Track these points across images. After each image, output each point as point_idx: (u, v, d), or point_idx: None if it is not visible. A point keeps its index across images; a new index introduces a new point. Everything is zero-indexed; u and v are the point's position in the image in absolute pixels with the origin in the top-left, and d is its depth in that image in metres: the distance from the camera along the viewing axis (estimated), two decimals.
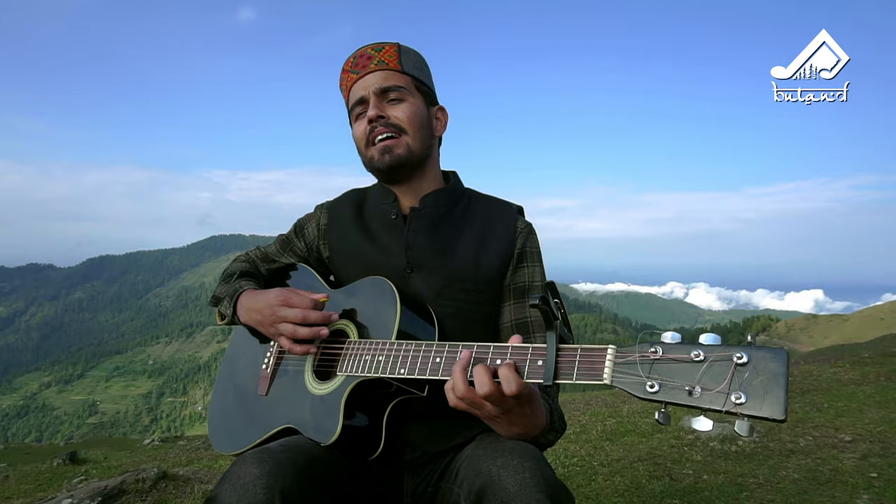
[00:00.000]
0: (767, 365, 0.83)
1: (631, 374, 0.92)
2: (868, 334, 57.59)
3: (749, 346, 0.86)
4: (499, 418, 1.12)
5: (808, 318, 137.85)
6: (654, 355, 0.91)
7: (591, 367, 0.96)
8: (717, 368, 0.86)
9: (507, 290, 1.51)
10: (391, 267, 1.49)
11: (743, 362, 0.84)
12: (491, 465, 1.11)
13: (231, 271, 1.70)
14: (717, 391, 0.85)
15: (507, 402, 1.07)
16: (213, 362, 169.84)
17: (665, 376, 0.89)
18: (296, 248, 1.70)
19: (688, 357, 0.88)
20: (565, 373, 0.98)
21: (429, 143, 1.54)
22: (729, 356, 0.85)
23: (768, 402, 0.81)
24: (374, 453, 1.34)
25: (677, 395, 0.87)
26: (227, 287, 1.61)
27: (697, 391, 0.86)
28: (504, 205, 1.60)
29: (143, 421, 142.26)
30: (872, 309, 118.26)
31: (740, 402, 0.82)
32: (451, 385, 1.10)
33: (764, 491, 3.25)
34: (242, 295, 1.55)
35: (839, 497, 3.09)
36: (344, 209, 1.64)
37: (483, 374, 1.04)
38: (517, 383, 1.02)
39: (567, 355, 0.99)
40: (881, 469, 3.46)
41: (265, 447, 1.21)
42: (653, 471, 3.74)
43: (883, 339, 24.90)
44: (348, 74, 1.55)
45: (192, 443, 6.67)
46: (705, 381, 0.86)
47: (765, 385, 0.82)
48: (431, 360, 1.19)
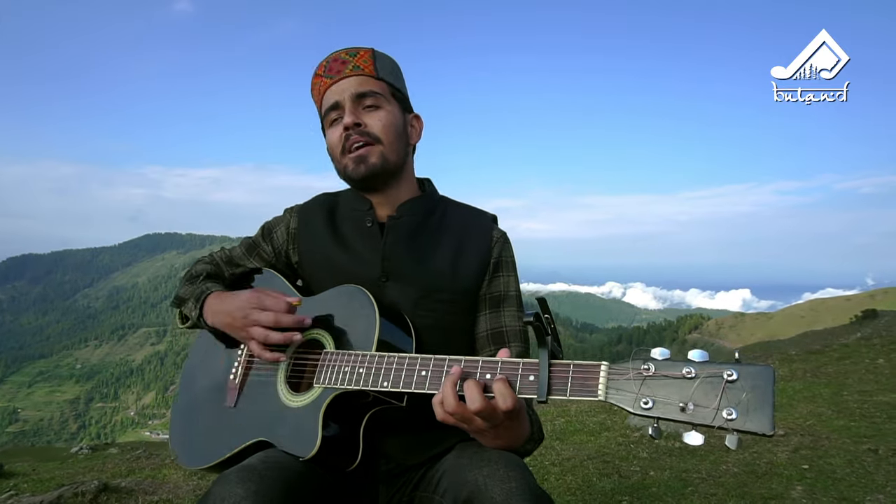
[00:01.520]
0: (755, 382, 0.87)
1: (624, 390, 0.94)
2: (790, 331, 60.93)
3: (737, 363, 0.90)
4: (486, 432, 1.12)
5: (737, 317, 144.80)
6: (646, 372, 0.94)
7: (584, 383, 0.98)
8: (708, 385, 0.89)
9: (482, 299, 1.50)
10: (365, 275, 1.45)
11: (733, 379, 0.88)
12: (477, 475, 1.12)
13: (195, 273, 1.63)
14: (708, 407, 0.88)
15: (498, 417, 1.07)
16: (147, 365, 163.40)
17: (658, 393, 0.92)
18: (263, 252, 1.63)
19: (679, 374, 0.91)
20: (558, 388, 0.99)
21: (404, 152, 1.52)
22: (719, 373, 0.89)
23: (757, 418, 0.85)
24: (351, 465, 1.31)
25: (670, 411, 0.90)
26: (191, 288, 1.53)
27: (690, 407, 0.89)
28: (479, 213, 1.60)
29: (69, 428, 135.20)
30: (794, 307, 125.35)
31: (731, 418, 0.86)
32: (440, 399, 1.09)
33: (707, 485, 3.40)
34: (210, 297, 1.48)
35: (776, 489, 3.26)
36: (315, 214, 1.59)
37: (475, 389, 1.04)
38: (512, 399, 1.03)
39: (560, 371, 1.01)
40: (812, 461, 3.68)
41: (247, 464, 1.18)
42: (602, 469, 3.85)
43: (804, 336, 26.43)
44: (321, 79, 1.50)
45: (131, 451, 6.38)
46: (697, 398, 0.89)
47: (753, 401, 0.86)
48: (417, 374, 1.17)
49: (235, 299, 1.41)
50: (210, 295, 1.48)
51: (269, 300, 1.38)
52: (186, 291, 1.54)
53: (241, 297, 1.41)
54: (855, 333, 19.95)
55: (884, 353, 6.88)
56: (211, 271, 1.64)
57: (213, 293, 1.48)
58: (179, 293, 1.56)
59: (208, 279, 1.58)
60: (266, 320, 1.35)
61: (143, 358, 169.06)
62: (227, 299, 1.43)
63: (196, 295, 1.50)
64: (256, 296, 1.39)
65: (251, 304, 1.37)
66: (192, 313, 1.50)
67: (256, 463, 1.19)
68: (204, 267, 1.65)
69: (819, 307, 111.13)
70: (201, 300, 1.48)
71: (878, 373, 6.19)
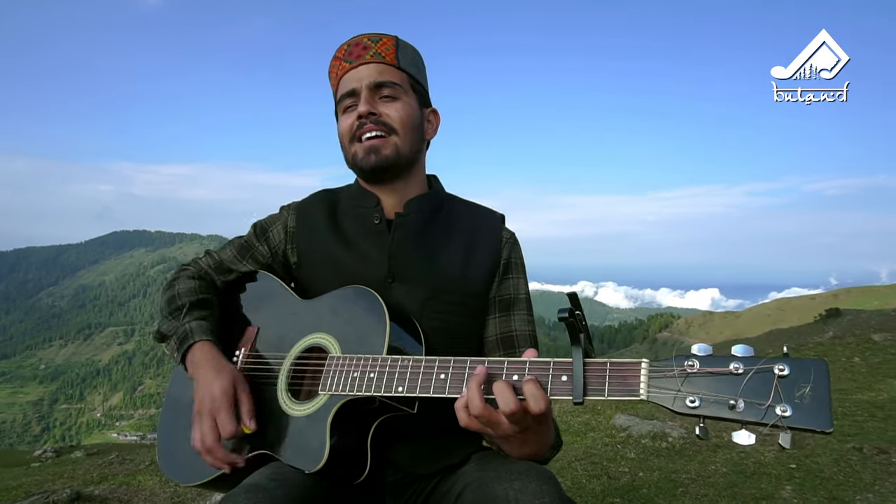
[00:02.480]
0: (810, 376, 0.82)
1: (667, 388, 0.89)
2: (757, 329, 62.30)
3: (786, 357, 0.85)
4: (513, 437, 1.05)
5: (706, 315, 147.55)
6: (690, 368, 0.88)
7: (623, 382, 0.92)
8: (759, 381, 0.84)
9: (492, 302, 1.43)
10: (370, 276, 1.36)
11: (785, 374, 0.83)
12: (507, 489, 1.04)
13: (180, 295, 1.46)
14: (761, 404, 0.83)
15: (527, 421, 1.00)
16: (115, 365, 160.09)
17: (704, 390, 0.86)
18: (257, 253, 1.52)
19: (727, 370, 0.86)
20: (595, 388, 0.93)
21: (418, 147, 1.44)
22: (770, 368, 0.84)
23: (814, 414, 0.80)
24: (359, 477, 1.22)
25: (719, 409, 0.85)
26: (174, 324, 1.40)
27: (741, 405, 0.84)
28: (488, 212, 1.52)
29: (32, 430, 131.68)
30: (761, 306, 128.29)
31: (786, 415, 0.81)
32: (465, 403, 1.02)
33: (697, 486, 3.38)
34: (194, 349, 1.35)
35: (765, 489, 3.26)
36: (315, 211, 1.50)
37: (507, 391, 0.97)
38: (545, 400, 0.96)
39: (596, 370, 0.94)
40: (799, 460, 3.69)
41: (254, 483, 1.09)
42: (591, 470, 3.82)
43: (770, 334, 27.00)
44: (340, 62, 1.42)
45: (102, 456, 6.16)
46: (748, 394, 0.84)
47: (809, 397, 0.81)
48: (435, 377, 1.09)
49: (208, 379, 1.28)
50: (194, 347, 1.35)
51: (224, 416, 1.23)
52: (169, 327, 1.40)
53: (215, 384, 1.27)
54: (821, 332, 20.50)
55: (858, 352, 7.01)
56: (199, 292, 1.47)
57: (196, 344, 1.35)
58: (161, 328, 1.43)
59: (194, 311, 1.42)
60: (204, 436, 1.23)
61: (110, 358, 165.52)
62: (204, 368, 1.30)
63: (179, 337, 1.37)
64: (221, 398, 1.25)
65: (212, 404, 1.24)
66: (173, 354, 1.39)
67: (264, 481, 1.11)
68: (189, 287, 1.48)
69: (785, 306, 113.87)
70: (183, 349, 1.36)
71: (855, 371, 6.30)
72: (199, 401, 1.27)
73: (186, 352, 1.35)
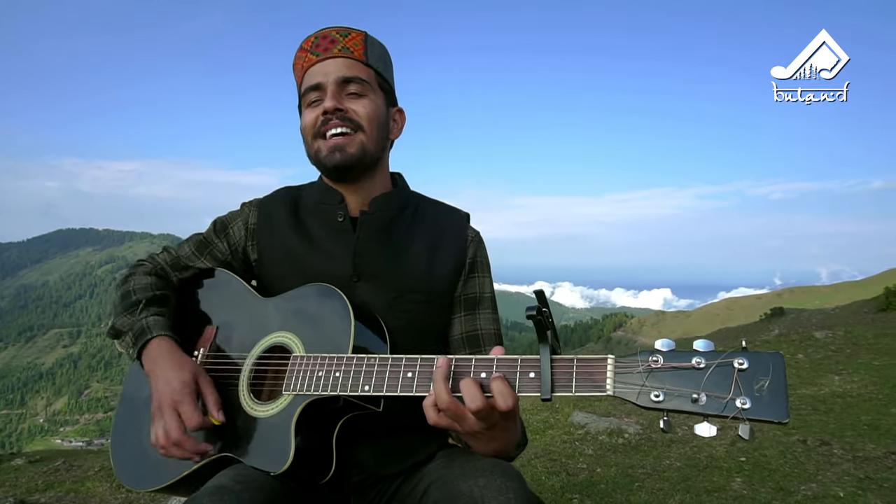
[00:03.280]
0: (768, 370, 0.85)
1: (632, 383, 0.91)
2: (707, 329, 64.29)
3: (744, 351, 0.88)
4: (480, 434, 1.05)
5: (658, 315, 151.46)
6: (654, 364, 0.90)
7: (590, 378, 0.93)
8: (720, 375, 0.87)
9: (457, 301, 1.44)
10: (335, 274, 1.34)
11: (744, 368, 0.86)
12: (472, 486, 1.05)
13: (135, 290, 1.40)
14: (722, 397, 0.85)
15: (494, 417, 1.01)
16: (59, 369, 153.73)
17: (668, 384, 0.89)
18: (216, 250, 1.48)
19: (690, 365, 0.89)
20: (563, 385, 0.95)
21: (383, 145, 1.43)
22: (730, 362, 0.87)
23: (772, 406, 0.83)
24: (324, 478, 1.20)
25: (682, 403, 0.87)
26: (130, 320, 1.35)
27: (703, 398, 0.86)
28: (453, 211, 1.52)
29: None
30: (710, 306, 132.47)
31: (746, 407, 0.84)
32: (433, 400, 1.02)
33: (653, 480, 3.47)
34: (152, 344, 1.30)
35: (717, 481, 3.37)
36: (277, 208, 1.47)
37: (473, 387, 0.98)
38: (513, 397, 0.97)
39: (563, 366, 0.96)
40: (748, 453, 3.83)
41: (219, 485, 1.07)
42: (550, 467, 3.87)
43: (719, 333, 27.88)
44: (306, 54, 1.39)
45: (46, 462, 5.91)
46: (709, 388, 0.87)
47: (767, 389, 0.84)
48: (402, 375, 1.09)
49: (168, 376, 1.23)
50: (152, 342, 1.30)
51: (188, 409, 1.20)
52: (124, 323, 1.35)
53: (174, 379, 1.23)
54: (767, 330, 21.31)
55: (802, 349, 7.29)
56: (151, 295, 1.40)
57: (154, 339, 1.30)
58: (116, 323, 1.37)
59: (150, 306, 1.37)
60: (168, 430, 1.19)
61: (53, 361, 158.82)
62: (163, 364, 1.26)
63: (136, 332, 1.32)
64: (182, 392, 1.21)
65: (172, 398, 1.21)
66: (128, 350, 1.33)
67: (229, 483, 1.08)
68: (145, 282, 1.43)
69: (733, 305, 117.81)
70: (140, 344, 1.31)
71: (799, 367, 6.55)
72: (158, 396, 1.23)
73: (143, 347, 1.31)
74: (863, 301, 21.14)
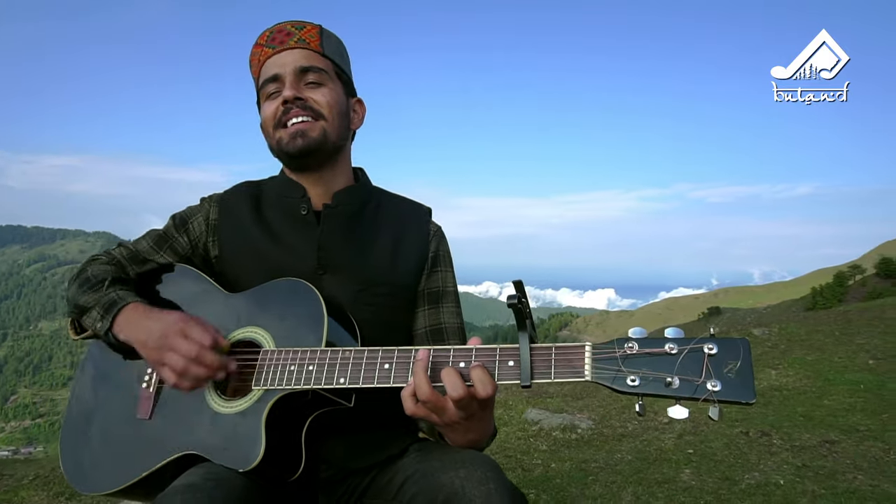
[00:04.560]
0: (737, 353, 0.90)
1: (609, 369, 0.94)
2: (649, 327, 66.64)
3: (713, 337, 0.93)
4: (458, 424, 1.06)
5: (602, 314, 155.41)
6: (630, 350, 0.94)
7: (569, 365, 0.96)
8: (691, 360, 0.91)
9: (421, 294, 1.45)
10: (299, 268, 1.33)
11: (714, 353, 0.90)
12: (454, 478, 1.06)
13: (95, 275, 1.35)
14: (694, 381, 0.89)
15: (473, 407, 1.02)
16: None
17: (643, 369, 0.92)
18: (177, 244, 1.44)
19: (663, 350, 0.92)
20: (542, 372, 0.97)
21: (345, 135, 1.43)
22: (700, 348, 0.91)
23: (740, 388, 0.88)
24: (293, 475, 1.19)
25: (657, 387, 0.91)
26: (96, 296, 1.29)
27: (676, 382, 0.90)
28: (415, 205, 1.53)
29: None
30: (652, 305, 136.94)
31: (716, 390, 0.88)
32: (412, 390, 1.02)
33: (606, 473, 3.56)
34: (127, 308, 1.25)
35: (667, 473, 3.49)
36: (238, 202, 1.45)
37: (454, 376, 0.99)
38: (492, 385, 0.99)
39: (542, 354, 0.98)
40: (695, 446, 3.98)
41: (189, 483, 1.04)
42: (505, 463, 3.92)
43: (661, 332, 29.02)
44: (262, 49, 1.38)
45: None
46: (682, 372, 0.90)
47: (735, 372, 0.89)
48: (379, 367, 1.09)
49: (161, 319, 1.21)
50: (127, 306, 1.25)
51: (196, 330, 1.18)
52: (89, 299, 1.29)
53: (166, 317, 1.20)
54: (705, 329, 22.25)
55: None
56: (115, 274, 1.36)
57: (129, 304, 1.26)
58: (79, 301, 1.30)
59: (116, 284, 1.32)
60: (186, 350, 1.15)
61: None
62: (151, 315, 1.23)
63: (105, 304, 1.26)
64: (184, 321, 1.19)
65: (175, 328, 1.18)
66: (96, 324, 1.27)
67: (199, 481, 1.06)
68: (104, 269, 1.38)
69: (673, 305, 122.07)
70: (113, 312, 1.25)
71: None
72: (155, 337, 1.19)
73: (115, 317, 1.25)
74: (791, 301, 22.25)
